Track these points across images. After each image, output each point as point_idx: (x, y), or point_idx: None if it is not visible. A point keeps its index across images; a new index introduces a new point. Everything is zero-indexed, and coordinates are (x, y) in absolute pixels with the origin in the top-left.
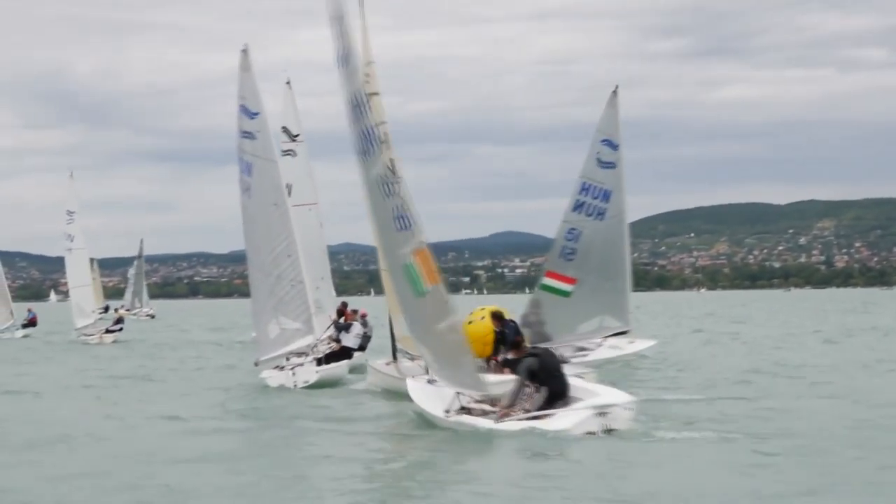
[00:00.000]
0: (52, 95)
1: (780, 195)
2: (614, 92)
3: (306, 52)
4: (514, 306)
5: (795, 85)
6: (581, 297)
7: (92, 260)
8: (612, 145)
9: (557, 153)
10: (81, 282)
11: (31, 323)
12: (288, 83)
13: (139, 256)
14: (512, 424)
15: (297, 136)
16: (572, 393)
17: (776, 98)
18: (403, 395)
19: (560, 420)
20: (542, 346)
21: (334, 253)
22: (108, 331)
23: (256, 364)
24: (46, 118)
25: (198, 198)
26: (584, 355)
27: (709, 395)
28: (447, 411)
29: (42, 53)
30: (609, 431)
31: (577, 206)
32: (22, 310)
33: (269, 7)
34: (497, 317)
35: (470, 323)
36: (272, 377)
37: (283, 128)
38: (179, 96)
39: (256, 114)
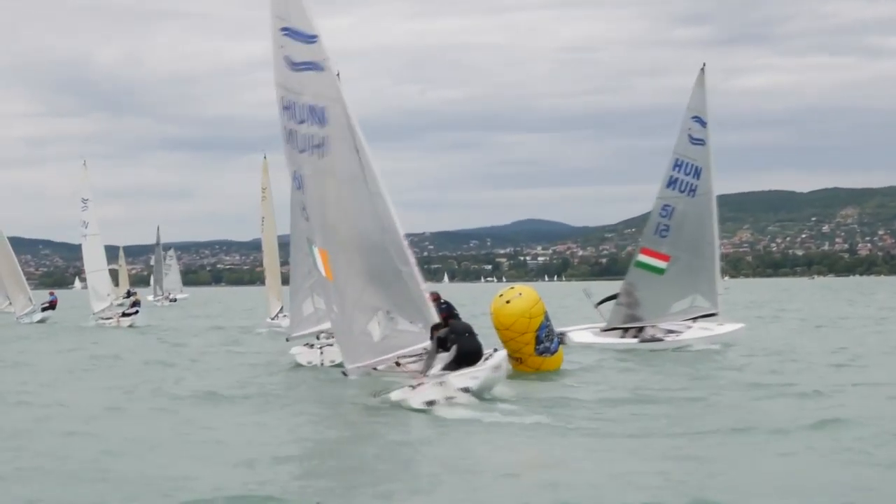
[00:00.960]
0: (74, 84)
1: (803, 183)
2: (702, 70)
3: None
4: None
5: (819, 72)
6: (674, 275)
7: (119, 248)
8: (702, 122)
9: (580, 141)
10: (97, 266)
11: (52, 306)
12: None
13: (157, 244)
14: (425, 388)
15: None
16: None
17: (799, 86)
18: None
19: (462, 378)
20: (633, 325)
21: None
22: (124, 314)
23: (288, 340)
24: (69, 106)
25: (220, 186)
26: (675, 335)
27: None
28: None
29: (65, 42)
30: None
31: (671, 183)
32: (44, 297)
33: None
34: (434, 297)
35: (508, 302)
36: (301, 354)
37: None
38: (202, 84)
39: (315, 36)
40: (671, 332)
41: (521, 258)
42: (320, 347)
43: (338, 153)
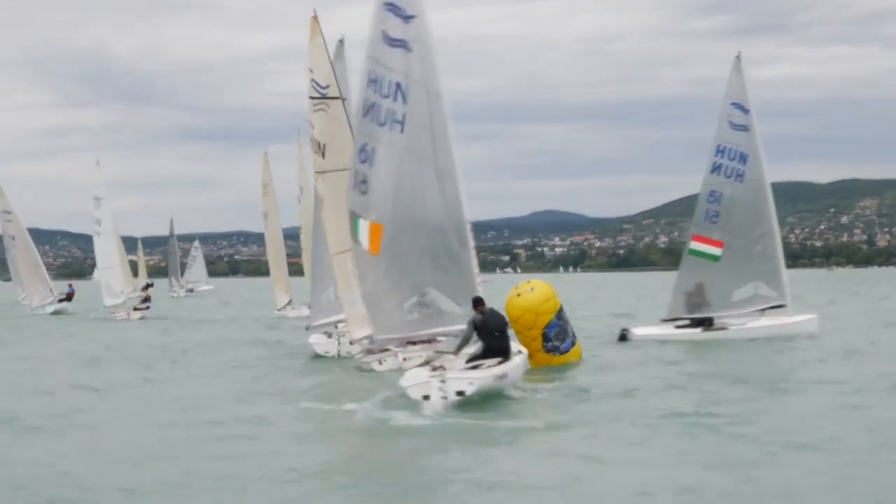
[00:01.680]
0: (93, 74)
1: (822, 174)
2: (738, 57)
3: (350, 30)
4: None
5: (839, 62)
6: (731, 262)
7: (137, 240)
8: (743, 109)
9: (598, 131)
10: (110, 263)
11: (68, 298)
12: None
13: (171, 235)
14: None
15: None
16: None
17: (818, 76)
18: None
19: (460, 382)
20: (699, 316)
21: None
22: (135, 308)
23: (307, 328)
24: (87, 97)
25: (238, 176)
26: (743, 324)
27: None
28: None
29: (83, 33)
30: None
31: (715, 169)
32: (64, 288)
33: None
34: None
35: (519, 295)
36: (319, 344)
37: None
38: (220, 75)
39: (413, 16)
40: (740, 323)
41: (539, 249)
42: (338, 338)
43: (414, 132)
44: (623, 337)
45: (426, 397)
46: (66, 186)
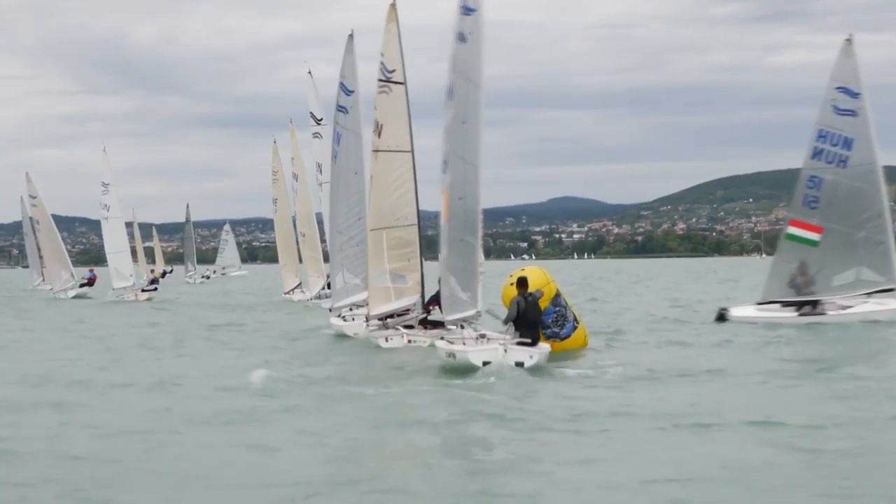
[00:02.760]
0: (112, 62)
1: None
2: (848, 40)
3: (367, 18)
4: (567, 270)
5: (857, 48)
6: (830, 247)
7: (151, 227)
8: (851, 93)
9: (616, 118)
10: (118, 248)
11: (90, 283)
12: (309, 73)
13: (187, 221)
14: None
15: (321, 120)
16: None
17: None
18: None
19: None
20: (807, 300)
21: None
22: (143, 290)
23: (330, 310)
24: (106, 84)
25: (255, 163)
26: (846, 309)
27: None
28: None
29: (102, 20)
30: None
31: (816, 154)
32: (85, 273)
33: None
34: (521, 283)
35: (512, 284)
36: (336, 325)
37: (310, 113)
38: (237, 62)
39: (352, 91)
40: (845, 306)
41: (557, 236)
42: (353, 318)
43: (451, 124)
44: (721, 317)
45: (487, 363)
46: (85, 173)
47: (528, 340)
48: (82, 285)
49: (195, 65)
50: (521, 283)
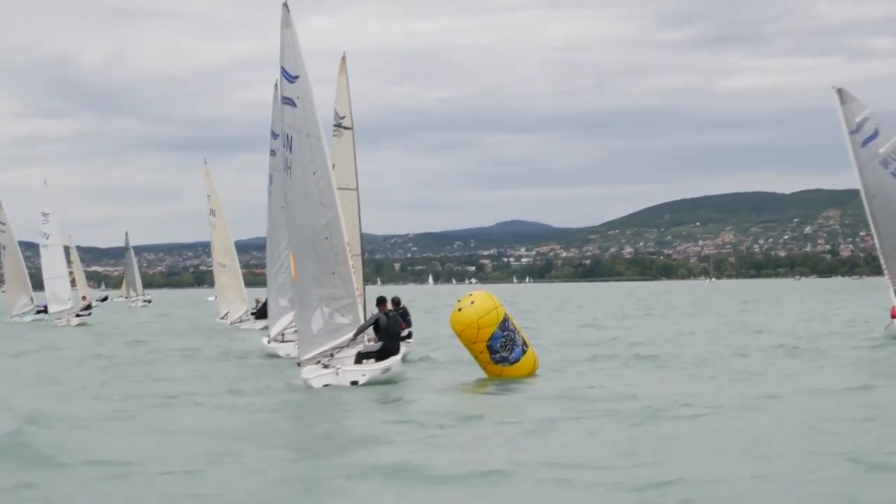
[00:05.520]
0: (61, 84)
1: (785, 184)
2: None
3: (320, 41)
4: (515, 294)
5: (803, 73)
6: None
7: (67, 249)
8: None
9: (565, 141)
10: (56, 273)
11: (45, 310)
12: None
13: (126, 247)
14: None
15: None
16: None
17: (783, 87)
18: None
19: (354, 374)
20: None
21: None
22: (77, 315)
23: (268, 338)
24: (56, 106)
25: (204, 187)
26: None
27: None
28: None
29: (51, 41)
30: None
31: None
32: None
33: None
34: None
35: (459, 310)
36: (267, 347)
37: (272, 131)
38: (189, 84)
39: (297, 77)
40: None
41: (505, 259)
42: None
43: (298, 176)
44: None
45: (327, 385)
46: (31, 196)
47: (376, 349)
48: (38, 311)
49: (145, 87)
50: (381, 301)
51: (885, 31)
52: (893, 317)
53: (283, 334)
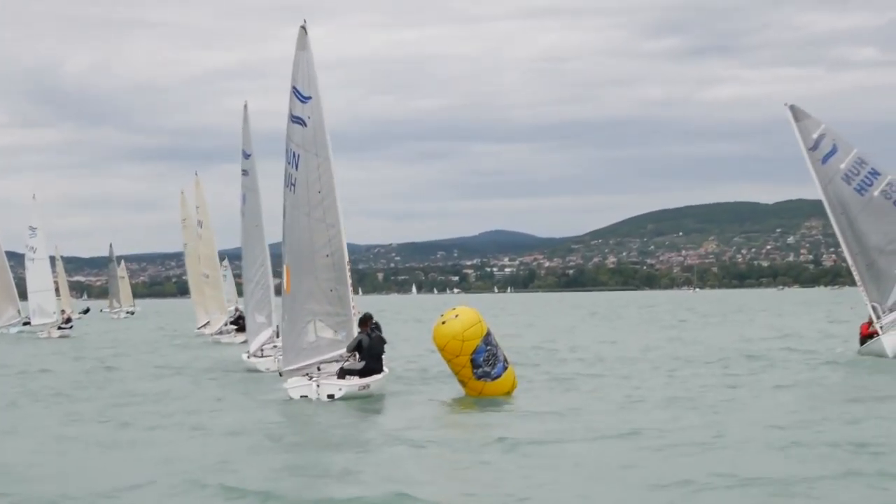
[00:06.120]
0: (44, 93)
1: (768, 194)
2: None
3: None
4: (494, 305)
5: (786, 84)
6: None
7: (53, 259)
8: None
9: (549, 151)
10: (42, 287)
11: (28, 322)
12: (245, 106)
13: (111, 258)
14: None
15: (249, 155)
16: None
17: (766, 97)
18: None
19: (331, 388)
20: None
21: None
22: (59, 328)
23: (247, 354)
24: (39, 116)
25: (189, 196)
26: None
27: None
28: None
29: (34, 51)
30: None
31: None
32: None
33: (263, 4)
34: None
35: (443, 323)
36: (247, 362)
37: (243, 150)
38: (172, 94)
39: (309, 98)
40: None
41: (488, 269)
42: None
43: (302, 194)
44: None
45: (304, 397)
46: (15, 206)
47: (359, 367)
48: (25, 323)
49: (129, 97)
50: (364, 320)
51: (867, 42)
52: (863, 335)
53: (262, 350)
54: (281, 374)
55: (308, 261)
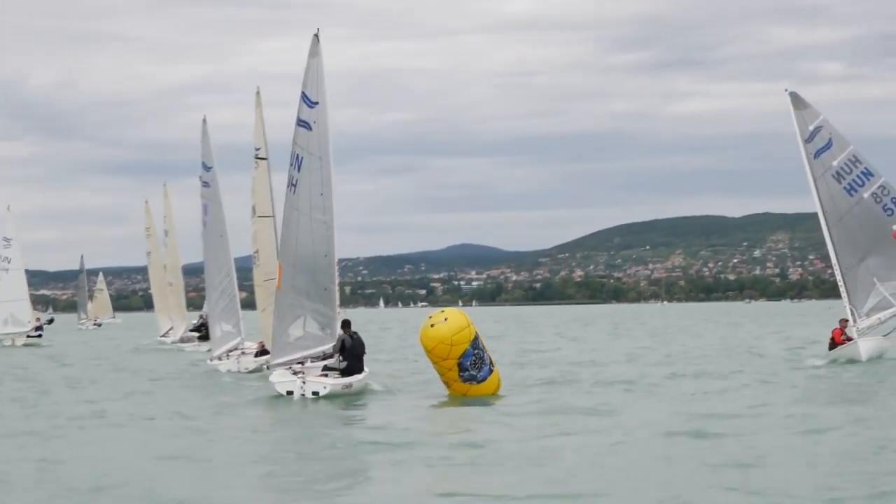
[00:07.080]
0: (9, 106)
1: (734, 208)
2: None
3: (271, 63)
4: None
5: (752, 98)
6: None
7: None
8: None
9: (515, 165)
10: (18, 296)
11: None
12: (204, 120)
13: (81, 271)
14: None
15: (210, 168)
16: None
17: (733, 111)
18: None
19: (316, 385)
20: None
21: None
22: (28, 335)
23: (211, 359)
24: (4, 129)
25: (156, 209)
26: None
27: None
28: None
29: (1, 64)
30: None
31: None
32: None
33: (231, 17)
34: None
35: (432, 326)
36: (212, 364)
37: (203, 163)
38: (139, 108)
39: (316, 103)
40: None
41: (456, 283)
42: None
43: (304, 195)
44: None
45: (290, 392)
46: None
47: (340, 368)
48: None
49: (95, 110)
50: (346, 324)
51: (836, 57)
52: (835, 340)
53: (227, 353)
54: (268, 368)
55: (307, 259)
